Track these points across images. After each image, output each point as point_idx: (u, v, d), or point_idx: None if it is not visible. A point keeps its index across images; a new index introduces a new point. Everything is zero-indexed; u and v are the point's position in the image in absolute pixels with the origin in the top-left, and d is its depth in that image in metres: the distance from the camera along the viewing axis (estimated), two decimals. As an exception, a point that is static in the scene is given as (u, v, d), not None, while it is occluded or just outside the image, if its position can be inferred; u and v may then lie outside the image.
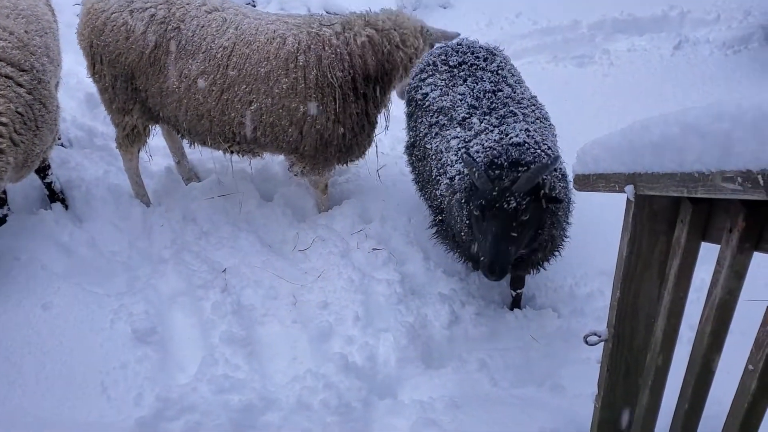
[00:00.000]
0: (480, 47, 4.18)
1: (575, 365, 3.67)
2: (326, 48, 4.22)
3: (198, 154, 5.57)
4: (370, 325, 4.08)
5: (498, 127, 3.55)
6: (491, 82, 3.86)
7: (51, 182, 4.81)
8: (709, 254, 2.14)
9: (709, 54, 6.72)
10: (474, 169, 3.28)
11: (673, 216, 2.10)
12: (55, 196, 4.86)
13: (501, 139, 3.46)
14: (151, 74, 4.34)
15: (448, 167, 3.65)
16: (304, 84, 4.23)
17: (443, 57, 4.14)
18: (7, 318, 3.85)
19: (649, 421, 2.47)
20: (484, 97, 3.77)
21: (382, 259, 4.57)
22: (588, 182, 2.39)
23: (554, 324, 3.91)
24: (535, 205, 3.24)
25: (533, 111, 3.72)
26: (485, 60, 4.03)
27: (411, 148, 4.22)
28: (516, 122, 3.55)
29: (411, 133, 4.20)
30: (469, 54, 4.08)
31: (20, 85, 4.00)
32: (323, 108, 4.30)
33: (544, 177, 3.28)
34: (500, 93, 3.79)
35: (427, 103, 4.00)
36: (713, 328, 1.91)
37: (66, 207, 4.91)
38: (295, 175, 4.79)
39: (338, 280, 4.42)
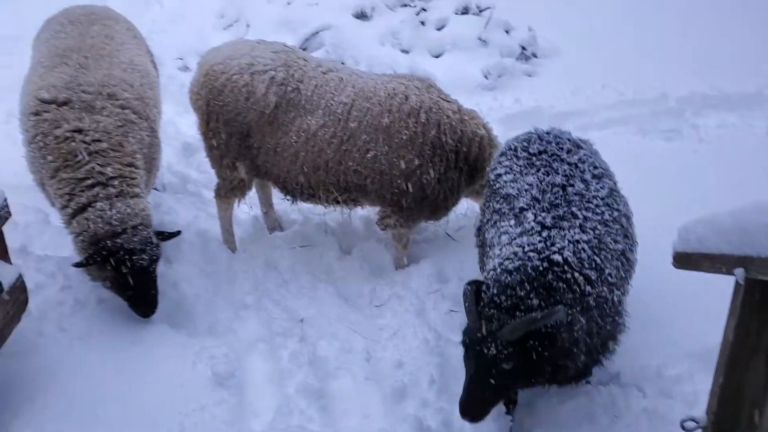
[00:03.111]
0: (567, 138, 4.02)
1: (661, 449, 3.50)
2: (444, 116, 4.54)
3: (283, 206, 5.73)
4: (446, 390, 4.02)
5: (547, 230, 3.38)
6: (564, 175, 3.69)
7: (144, 224, 5.03)
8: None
9: (806, 135, 6.52)
10: (466, 304, 3.23)
11: (787, 303, 2.04)
12: (147, 237, 5.07)
13: (542, 250, 3.29)
14: (269, 132, 4.60)
15: (490, 260, 3.58)
16: (422, 139, 4.50)
17: (525, 143, 4.04)
18: (97, 354, 4.01)
19: None
20: (551, 190, 3.61)
21: (459, 321, 4.53)
22: (690, 261, 2.35)
23: (640, 404, 3.76)
24: (525, 353, 3.07)
25: (602, 213, 3.52)
26: (568, 152, 3.88)
27: (477, 231, 4.15)
28: (571, 228, 3.38)
29: (480, 216, 4.16)
30: (552, 144, 3.95)
31: (142, 131, 4.38)
32: (432, 165, 4.55)
33: (550, 325, 3.05)
34: (570, 188, 3.61)
35: (497, 187, 3.93)
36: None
37: (157, 248, 5.10)
38: (384, 228, 4.93)
39: (413, 340, 4.41)
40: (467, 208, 5.62)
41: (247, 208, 5.63)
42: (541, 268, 3.21)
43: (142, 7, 9.67)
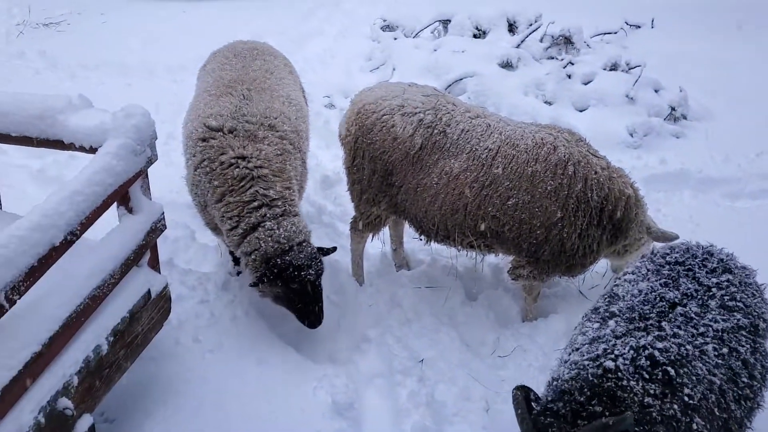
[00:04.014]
0: (719, 258, 3.56)
1: None
2: (592, 172, 4.49)
3: (411, 244, 5.78)
4: (566, 451, 3.85)
5: (617, 338, 3.07)
6: (684, 294, 3.30)
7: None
8: None
9: None
10: (518, 411, 2.90)
11: None
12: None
13: (596, 358, 3.00)
14: (411, 172, 4.72)
15: (559, 365, 3.30)
16: (567, 192, 4.44)
17: (668, 250, 3.71)
18: (226, 368, 4.20)
19: None
20: (654, 304, 3.25)
21: (585, 383, 4.35)
22: None
23: None
24: None
25: (705, 341, 3.10)
26: (710, 271, 3.45)
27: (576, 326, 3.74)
28: (643, 338, 3.04)
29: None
30: (696, 258, 3.55)
31: (296, 160, 4.66)
32: (574, 219, 4.48)
33: None
34: (679, 308, 3.22)
35: (615, 283, 3.69)
36: None
37: (289, 273, 5.30)
38: (515, 278, 4.86)
39: (535, 396, 4.26)
40: (606, 268, 5.43)
41: (379, 244, 5.72)
42: (598, 373, 2.93)
43: (296, 45, 10.24)
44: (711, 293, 3.33)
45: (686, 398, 2.95)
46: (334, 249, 4.72)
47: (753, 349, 3.24)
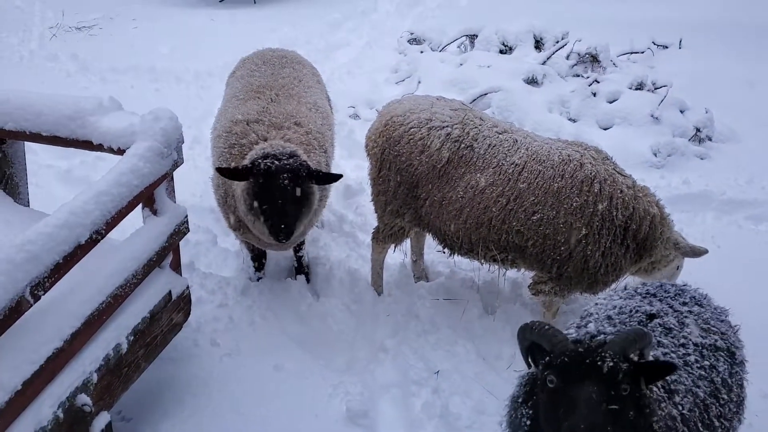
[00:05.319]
0: (691, 296, 3.48)
1: None
2: (618, 190, 4.49)
3: (430, 256, 5.79)
4: (580, 468, 3.83)
5: (604, 335, 2.91)
6: (660, 310, 3.25)
7: (302, 256, 5.28)
8: None
9: None
10: (546, 328, 2.67)
11: None
12: (302, 268, 5.32)
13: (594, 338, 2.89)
14: (437, 185, 4.74)
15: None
16: (593, 209, 4.44)
17: (640, 285, 3.64)
18: (243, 372, 4.24)
19: None
20: (632, 315, 3.21)
21: (601, 400, 4.32)
22: None
23: None
24: (634, 385, 2.55)
25: (687, 353, 3.05)
26: (682, 303, 3.37)
27: None
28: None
29: None
30: (669, 291, 3.48)
31: (320, 158, 4.68)
32: (598, 237, 4.48)
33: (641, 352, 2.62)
34: (657, 320, 3.18)
35: (584, 311, 3.57)
36: None
37: (308, 280, 5.35)
38: (535, 293, 4.86)
39: (551, 411, 4.25)
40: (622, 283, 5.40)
41: (397, 254, 5.74)
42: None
43: (323, 55, 10.33)
44: (683, 314, 3.30)
45: (679, 407, 2.91)
46: (340, 176, 4.52)
47: (730, 373, 3.19)
